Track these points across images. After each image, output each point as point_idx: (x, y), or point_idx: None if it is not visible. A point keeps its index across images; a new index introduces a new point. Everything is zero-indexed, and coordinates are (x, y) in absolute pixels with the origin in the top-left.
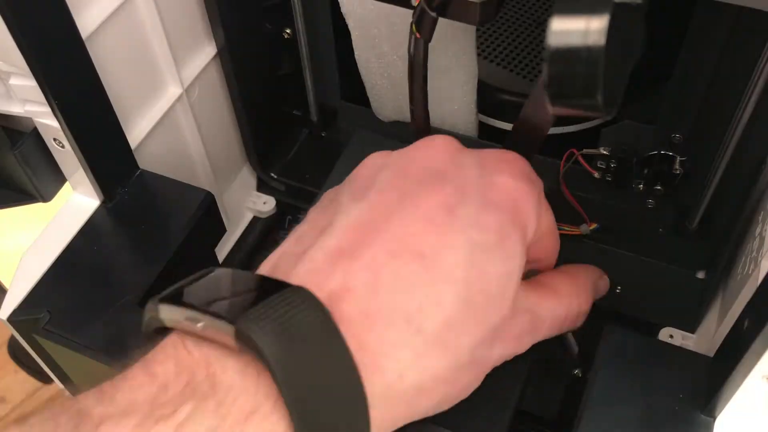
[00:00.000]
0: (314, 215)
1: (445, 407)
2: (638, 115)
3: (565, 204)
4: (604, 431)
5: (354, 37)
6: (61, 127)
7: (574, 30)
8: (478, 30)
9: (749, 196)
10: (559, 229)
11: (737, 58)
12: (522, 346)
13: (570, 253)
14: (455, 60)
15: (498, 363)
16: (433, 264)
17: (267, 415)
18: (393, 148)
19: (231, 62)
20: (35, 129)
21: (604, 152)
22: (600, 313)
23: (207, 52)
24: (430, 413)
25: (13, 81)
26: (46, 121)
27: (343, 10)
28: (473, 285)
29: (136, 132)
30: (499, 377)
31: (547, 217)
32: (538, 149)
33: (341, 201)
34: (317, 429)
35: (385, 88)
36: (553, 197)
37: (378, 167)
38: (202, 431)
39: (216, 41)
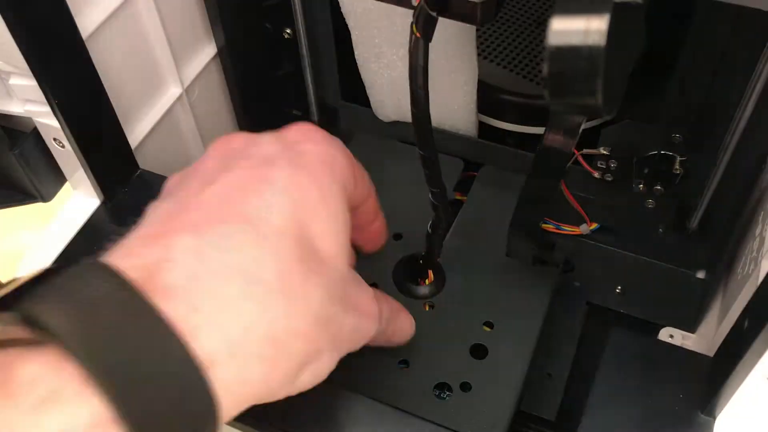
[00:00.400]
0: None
1: (311, 381)
2: (638, 115)
3: (565, 204)
4: (604, 431)
5: (354, 37)
6: (61, 127)
7: (574, 30)
8: (478, 30)
9: (749, 196)
10: (559, 229)
11: (737, 58)
12: (371, 322)
13: (570, 253)
14: (455, 60)
15: (352, 338)
16: (258, 223)
17: (70, 399)
18: (392, 148)
19: (231, 62)
20: (35, 129)
21: (604, 152)
22: (600, 313)
23: (207, 52)
24: (298, 385)
25: (13, 81)
26: (46, 121)
27: (343, 9)
28: (304, 241)
29: (136, 132)
30: (499, 377)
31: (363, 180)
32: (563, 174)
33: (155, 205)
34: (141, 405)
35: (385, 88)
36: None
37: (183, 176)
38: None
39: (216, 41)
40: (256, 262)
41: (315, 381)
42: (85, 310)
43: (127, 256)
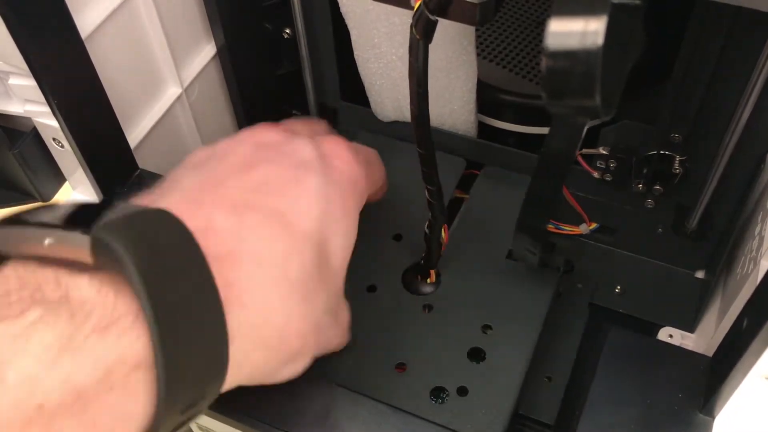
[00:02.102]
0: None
1: (285, 377)
2: (637, 115)
3: (565, 204)
4: (604, 431)
5: (353, 37)
6: (61, 126)
7: (572, 31)
8: (478, 30)
9: (749, 196)
10: (559, 229)
11: (737, 58)
12: (342, 336)
13: (570, 253)
14: (455, 60)
15: (327, 347)
16: (290, 222)
17: (126, 330)
18: (392, 148)
19: (231, 62)
20: (35, 129)
21: (604, 152)
22: (600, 312)
23: (207, 52)
24: (276, 378)
25: (13, 81)
26: (46, 121)
27: (343, 10)
28: (324, 249)
29: (135, 132)
30: (496, 381)
31: (378, 182)
32: (567, 176)
33: (182, 173)
34: (176, 352)
35: (385, 88)
36: None
37: (212, 153)
38: (53, 336)
39: (216, 41)
40: (284, 258)
41: (287, 378)
42: (152, 250)
43: (176, 210)
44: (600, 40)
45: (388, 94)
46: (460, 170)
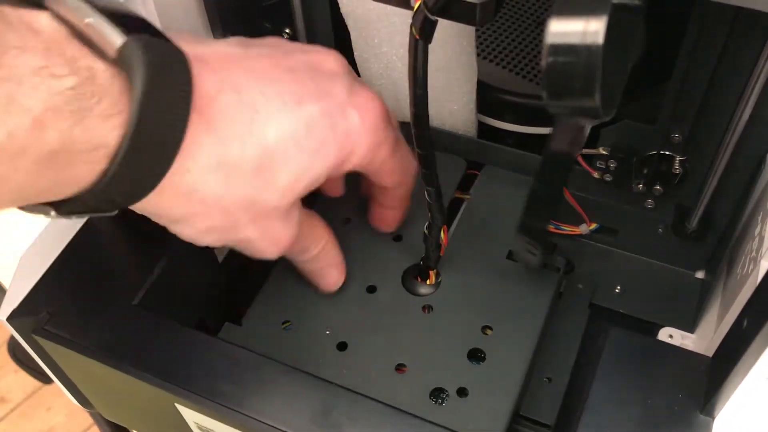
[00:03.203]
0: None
1: (209, 240)
2: (638, 115)
3: (565, 204)
4: (604, 431)
5: (353, 37)
6: None
7: (573, 31)
8: (477, 30)
9: (749, 196)
10: (559, 229)
11: (737, 58)
12: (274, 251)
13: (570, 253)
14: (455, 60)
15: (240, 245)
16: (259, 118)
17: (116, 126)
18: None
19: None
20: None
21: (604, 152)
22: (600, 312)
23: None
24: (202, 240)
25: None
26: None
27: (343, 10)
28: (273, 161)
29: None
30: (497, 381)
31: (390, 161)
32: (568, 177)
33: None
34: (135, 158)
35: (385, 88)
36: None
37: (273, 42)
38: (75, 108)
39: None
40: (265, 125)
41: (205, 241)
42: (157, 84)
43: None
44: (600, 39)
45: (388, 94)
46: (461, 171)
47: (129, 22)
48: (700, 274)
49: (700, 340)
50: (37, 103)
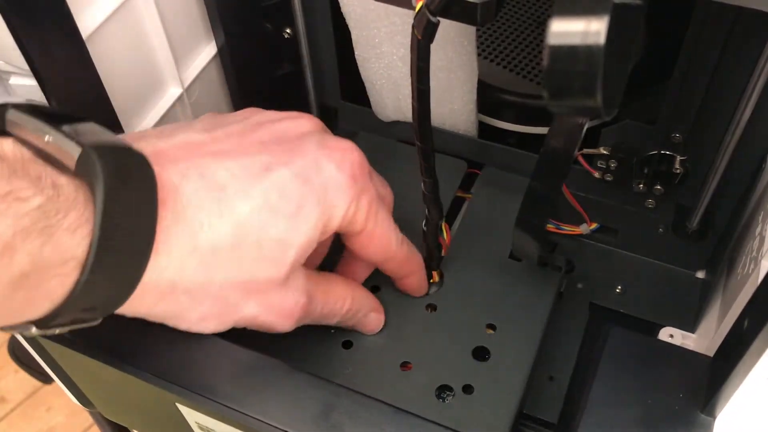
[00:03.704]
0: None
1: (185, 324)
2: (638, 115)
3: (566, 204)
4: (604, 431)
5: (354, 37)
6: None
7: (574, 31)
8: (478, 30)
9: (749, 196)
10: (560, 229)
11: (737, 58)
12: (286, 323)
13: (571, 252)
14: (455, 60)
15: (247, 323)
16: (228, 195)
17: (84, 236)
18: (392, 148)
19: (231, 62)
20: None
21: (604, 152)
22: (600, 312)
23: (207, 52)
24: (188, 319)
25: (13, 81)
26: None
27: (343, 10)
28: (249, 235)
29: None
30: (501, 379)
31: (373, 219)
32: (567, 175)
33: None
34: (101, 271)
35: (386, 88)
36: None
37: (245, 115)
38: (43, 226)
39: (216, 41)
40: (234, 201)
41: (195, 325)
42: (118, 188)
43: (151, 150)
44: (601, 39)
45: (388, 94)
46: (461, 172)
47: (86, 131)
48: (700, 274)
49: (701, 339)
50: (5, 229)
